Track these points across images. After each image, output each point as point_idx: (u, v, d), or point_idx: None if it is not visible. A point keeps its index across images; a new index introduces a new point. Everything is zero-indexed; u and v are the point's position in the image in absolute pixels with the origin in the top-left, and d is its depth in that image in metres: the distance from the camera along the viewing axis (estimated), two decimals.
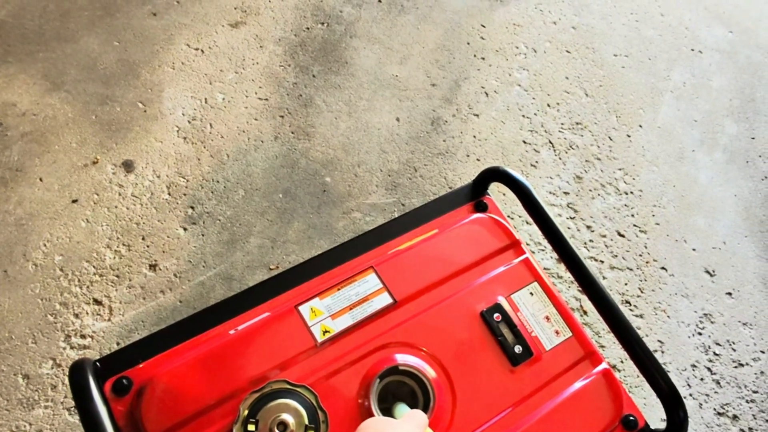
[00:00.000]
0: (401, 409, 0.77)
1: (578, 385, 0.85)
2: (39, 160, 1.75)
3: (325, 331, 0.81)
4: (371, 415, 0.76)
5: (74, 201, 1.70)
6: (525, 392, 0.83)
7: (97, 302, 1.58)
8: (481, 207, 0.99)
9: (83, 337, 1.54)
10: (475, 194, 1.01)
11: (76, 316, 1.56)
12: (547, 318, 0.89)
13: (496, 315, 0.86)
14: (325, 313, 0.82)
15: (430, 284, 0.87)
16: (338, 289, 0.84)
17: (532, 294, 0.90)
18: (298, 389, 0.74)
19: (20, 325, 1.53)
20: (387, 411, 0.78)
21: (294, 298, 0.84)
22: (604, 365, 0.88)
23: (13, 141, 1.76)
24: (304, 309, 0.82)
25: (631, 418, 0.86)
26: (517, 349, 0.84)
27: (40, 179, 1.72)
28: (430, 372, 0.80)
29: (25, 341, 1.52)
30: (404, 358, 0.81)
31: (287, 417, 0.71)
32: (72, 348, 1.52)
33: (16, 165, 1.73)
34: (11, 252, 1.61)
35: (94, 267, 1.63)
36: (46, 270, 1.61)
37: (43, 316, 1.55)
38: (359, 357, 0.80)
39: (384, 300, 0.85)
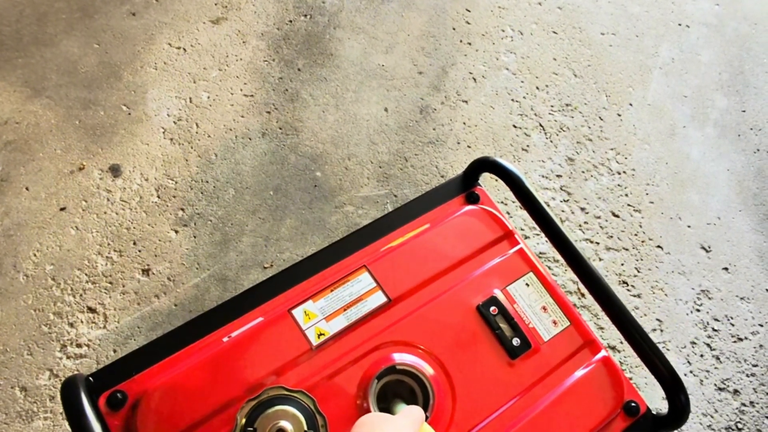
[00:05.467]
0: (401, 407, 0.76)
1: (578, 374, 0.85)
2: (24, 169, 1.72)
3: (320, 334, 0.80)
4: None
5: (62, 209, 1.68)
6: (525, 385, 0.82)
7: (91, 310, 1.57)
8: (473, 198, 0.98)
9: (79, 346, 1.52)
10: (466, 186, 1.00)
11: (71, 325, 1.54)
12: (544, 308, 0.88)
13: (492, 308, 0.85)
14: (319, 315, 0.81)
15: (425, 280, 0.86)
16: (331, 291, 0.83)
17: (528, 285, 0.89)
18: (295, 395, 0.73)
19: (15, 337, 1.51)
20: (386, 411, 0.77)
21: (287, 302, 0.82)
22: (603, 353, 0.87)
23: None
24: (297, 312, 0.81)
25: (633, 404, 0.86)
26: (515, 341, 0.84)
27: (26, 188, 1.70)
28: (428, 369, 0.80)
29: (20, 353, 1.50)
30: (401, 357, 0.80)
31: (285, 424, 0.70)
32: (68, 358, 1.51)
33: (0, 175, 1.70)
34: (1, 264, 1.59)
35: (86, 275, 1.61)
36: (37, 280, 1.59)
37: (38, 327, 1.53)
38: (356, 358, 0.79)
39: (378, 299, 0.84)
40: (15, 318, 1.53)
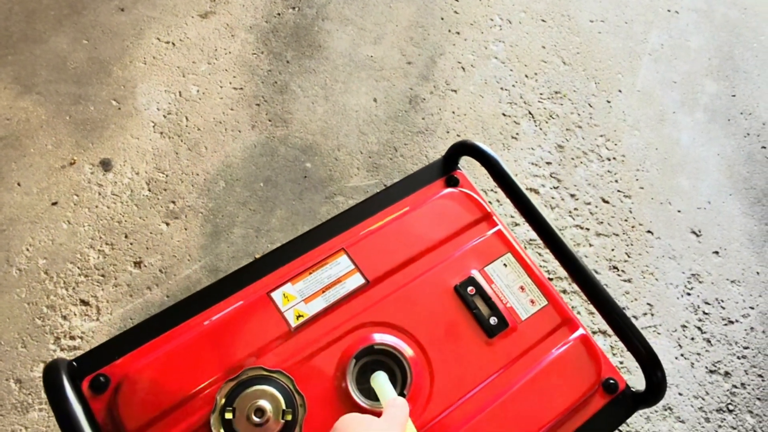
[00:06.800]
0: (379, 378, 0.74)
1: (556, 352, 0.86)
2: (15, 165, 1.74)
3: (299, 316, 0.81)
4: (349, 396, 0.76)
5: (54, 203, 1.69)
6: (502, 363, 0.83)
7: (84, 303, 1.58)
8: (453, 182, 0.99)
9: (72, 338, 1.54)
10: (446, 170, 1.01)
11: (64, 317, 1.56)
12: (522, 288, 0.89)
13: (469, 288, 0.86)
14: (298, 297, 0.82)
15: (402, 262, 0.87)
16: (310, 273, 0.84)
17: (505, 265, 0.90)
18: (274, 375, 0.74)
19: (9, 330, 1.53)
20: (366, 391, 0.78)
21: (266, 285, 0.84)
22: (581, 331, 0.88)
23: None
24: (276, 295, 0.82)
25: (612, 381, 0.87)
26: (493, 320, 0.85)
27: (18, 184, 1.71)
28: (406, 349, 0.81)
29: (14, 346, 1.52)
30: (379, 337, 0.81)
31: (264, 403, 0.72)
32: (62, 350, 1.52)
33: None
34: None
35: (78, 268, 1.62)
36: (30, 274, 1.60)
37: (31, 320, 1.55)
38: (334, 339, 0.80)
39: (356, 281, 0.85)
40: (9, 311, 1.55)
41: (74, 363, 0.78)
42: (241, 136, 1.88)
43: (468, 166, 1.86)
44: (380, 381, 0.73)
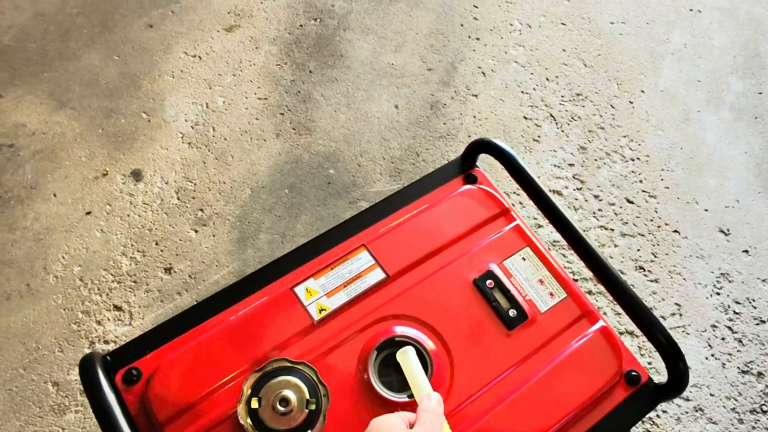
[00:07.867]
0: (408, 354, 0.74)
1: (576, 344, 0.86)
2: (51, 177, 1.81)
3: (321, 310, 0.83)
4: (371, 387, 0.78)
5: (88, 213, 1.76)
6: (522, 355, 0.84)
7: (118, 308, 1.63)
8: (471, 179, 1.01)
9: (107, 342, 1.59)
10: (464, 168, 1.03)
11: (99, 322, 1.61)
12: (541, 281, 0.90)
13: (488, 282, 0.87)
14: (320, 292, 0.85)
15: (422, 257, 0.89)
16: (332, 269, 0.87)
17: (524, 259, 0.91)
18: (298, 366, 0.77)
19: (46, 335, 1.59)
20: (388, 384, 0.80)
21: (290, 281, 0.86)
22: (601, 323, 0.89)
23: (25, 160, 1.82)
24: (299, 290, 0.85)
25: (634, 373, 0.87)
26: (512, 313, 0.86)
27: (54, 195, 1.78)
28: (426, 341, 0.82)
29: (52, 350, 1.57)
30: (400, 330, 0.83)
31: (289, 393, 0.74)
32: None
33: (30, 183, 1.79)
34: (32, 266, 1.67)
35: (111, 275, 1.68)
36: (66, 281, 1.66)
37: (67, 325, 1.60)
38: (356, 332, 0.83)
39: (377, 275, 0.87)
40: (46, 317, 1.60)
41: (108, 357, 0.82)
42: (266, 144, 1.92)
43: (489, 170, 1.87)
44: (409, 358, 0.73)
